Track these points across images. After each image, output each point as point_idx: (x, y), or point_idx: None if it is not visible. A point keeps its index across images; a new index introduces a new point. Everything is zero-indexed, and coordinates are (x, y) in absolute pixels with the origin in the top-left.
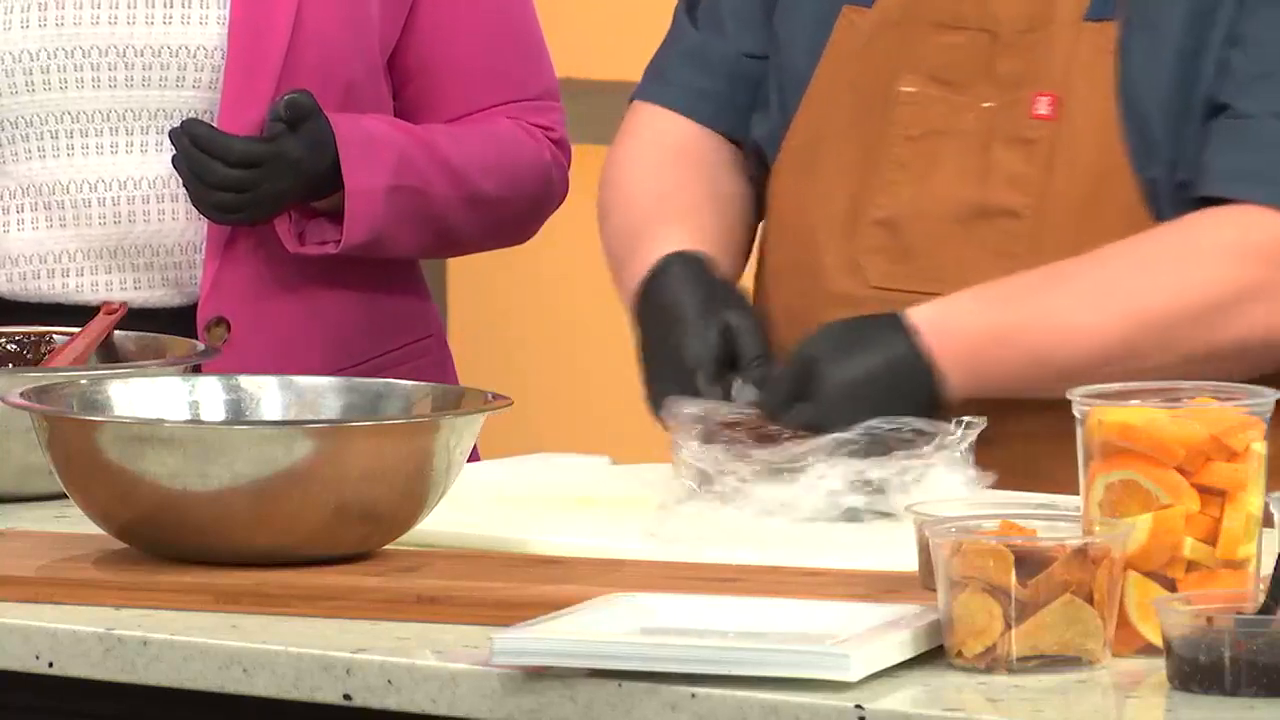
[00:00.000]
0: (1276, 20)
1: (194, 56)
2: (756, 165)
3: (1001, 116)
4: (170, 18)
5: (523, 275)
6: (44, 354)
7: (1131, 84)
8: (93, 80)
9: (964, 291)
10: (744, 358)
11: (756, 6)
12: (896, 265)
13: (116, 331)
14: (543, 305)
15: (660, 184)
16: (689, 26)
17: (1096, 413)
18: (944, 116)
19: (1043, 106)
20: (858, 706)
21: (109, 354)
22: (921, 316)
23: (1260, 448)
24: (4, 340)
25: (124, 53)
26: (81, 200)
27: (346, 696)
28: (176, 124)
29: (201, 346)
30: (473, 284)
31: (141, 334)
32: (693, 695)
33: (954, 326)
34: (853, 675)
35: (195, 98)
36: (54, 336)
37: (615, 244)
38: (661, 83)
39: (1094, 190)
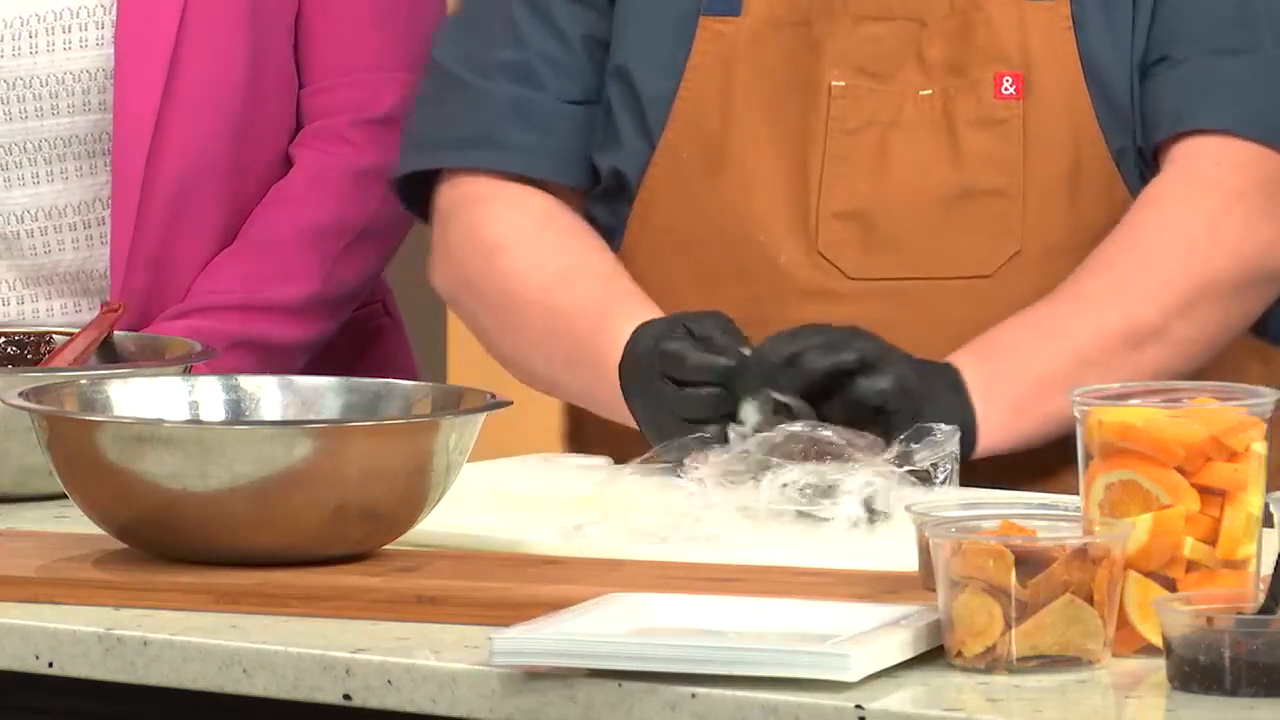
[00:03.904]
0: None
1: (80, 81)
2: (600, 199)
3: (958, 101)
4: (53, 45)
5: None
6: (44, 354)
7: (1092, 57)
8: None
9: (1004, 341)
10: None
11: (579, 53)
12: (875, 256)
13: (116, 331)
14: None
15: (558, 261)
16: (487, 83)
17: (1096, 413)
18: (880, 108)
19: (1007, 86)
20: (858, 707)
21: (109, 354)
22: (973, 381)
23: (1260, 448)
24: (4, 340)
25: (13, 85)
26: (10, 233)
27: (346, 696)
28: (75, 151)
29: (199, 347)
30: None
31: (141, 334)
32: (693, 695)
33: (999, 391)
34: (853, 675)
35: (91, 121)
36: (54, 336)
37: (538, 342)
38: (490, 147)
39: (1073, 163)
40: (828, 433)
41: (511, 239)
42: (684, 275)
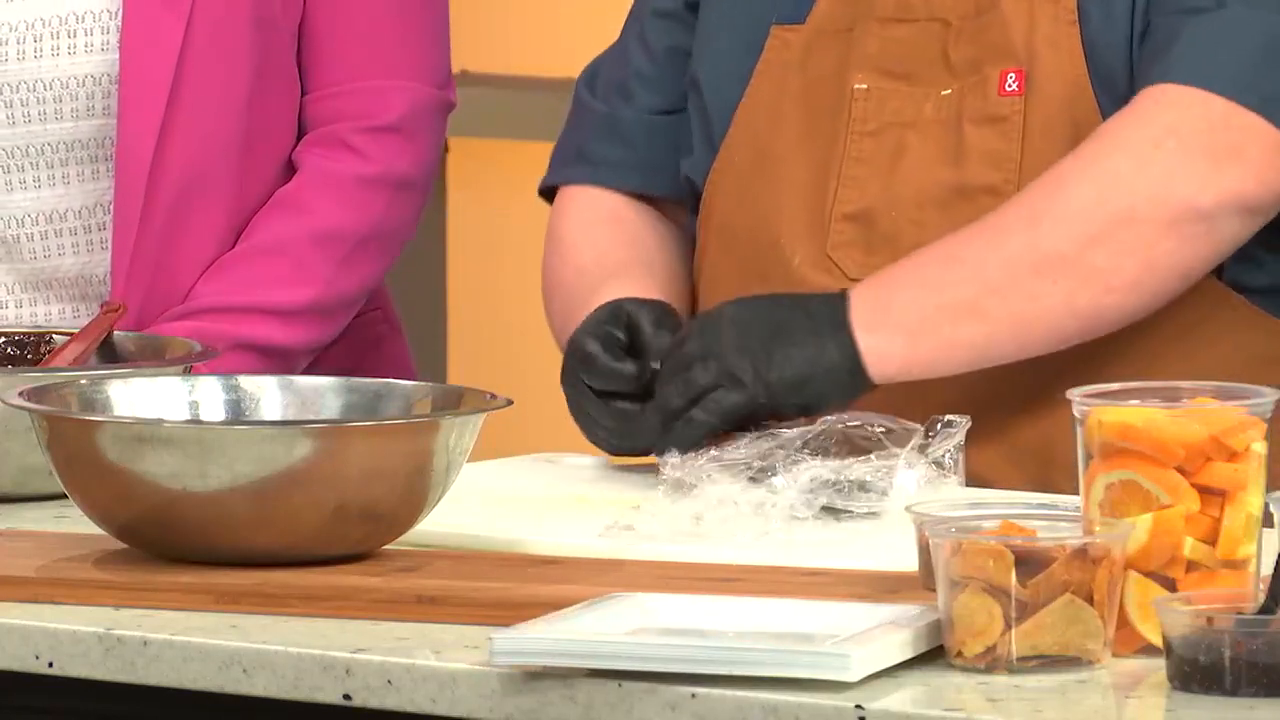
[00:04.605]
0: None
1: (84, 86)
2: (690, 208)
3: (966, 99)
4: (58, 49)
5: (523, 275)
6: (44, 354)
7: (1095, 46)
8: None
9: (907, 268)
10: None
11: (663, 65)
12: (873, 256)
13: (116, 331)
14: (542, 305)
15: (595, 249)
16: (595, 102)
17: (1096, 413)
18: (902, 109)
19: (1010, 82)
20: (858, 707)
21: (109, 354)
22: (858, 314)
23: (1260, 448)
24: (4, 340)
25: (17, 89)
26: (10, 237)
27: (346, 696)
28: (77, 155)
29: (199, 347)
30: (473, 284)
31: (141, 334)
32: (693, 695)
33: (892, 319)
34: (853, 675)
35: (94, 126)
36: (54, 336)
37: (559, 320)
38: (582, 163)
39: None
40: (863, 426)
41: (567, 234)
42: (728, 277)
